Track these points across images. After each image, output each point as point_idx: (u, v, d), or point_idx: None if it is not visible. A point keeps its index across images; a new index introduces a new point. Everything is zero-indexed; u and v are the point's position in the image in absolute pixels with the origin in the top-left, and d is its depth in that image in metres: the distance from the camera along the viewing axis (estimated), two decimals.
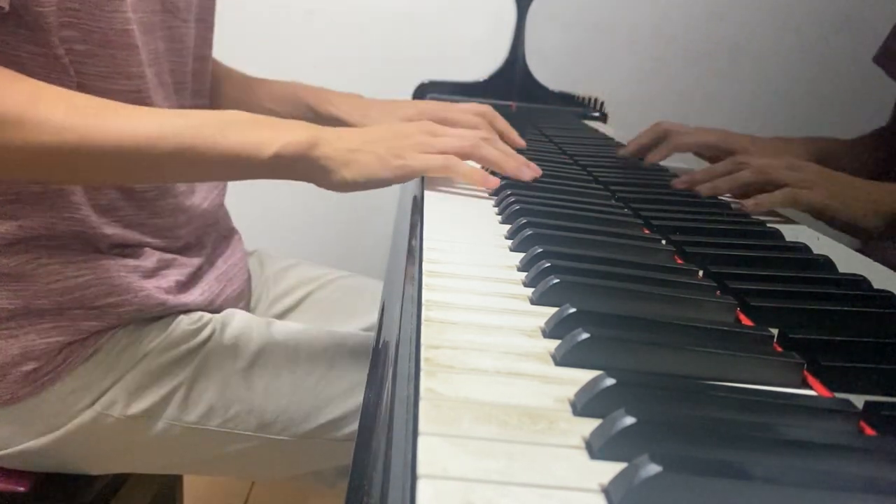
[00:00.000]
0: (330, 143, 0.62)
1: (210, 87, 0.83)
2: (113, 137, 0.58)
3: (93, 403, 0.69)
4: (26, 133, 0.55)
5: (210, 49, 0.82)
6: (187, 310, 0.73)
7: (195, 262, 0.77)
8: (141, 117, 0.60)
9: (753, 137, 0.94)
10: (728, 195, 0.78)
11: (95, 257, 0.68)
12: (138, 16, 0.66)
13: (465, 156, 0.66)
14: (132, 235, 0.71)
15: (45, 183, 0.65)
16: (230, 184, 0.90)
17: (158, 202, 0.73)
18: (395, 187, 0.71)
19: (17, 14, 0.59)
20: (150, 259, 0.71)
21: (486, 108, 0.90)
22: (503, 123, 0.89)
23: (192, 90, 0.78)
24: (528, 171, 0.69)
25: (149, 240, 0.72)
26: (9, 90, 0.56)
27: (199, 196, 0.80)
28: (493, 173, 0.68)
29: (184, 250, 0.77)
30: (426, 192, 0.66)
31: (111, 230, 0.69)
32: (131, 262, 0.70)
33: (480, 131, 0.71)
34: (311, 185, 0.64)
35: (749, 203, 0.71)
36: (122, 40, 0.64)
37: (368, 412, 0.35)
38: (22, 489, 0.70)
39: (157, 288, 0.71)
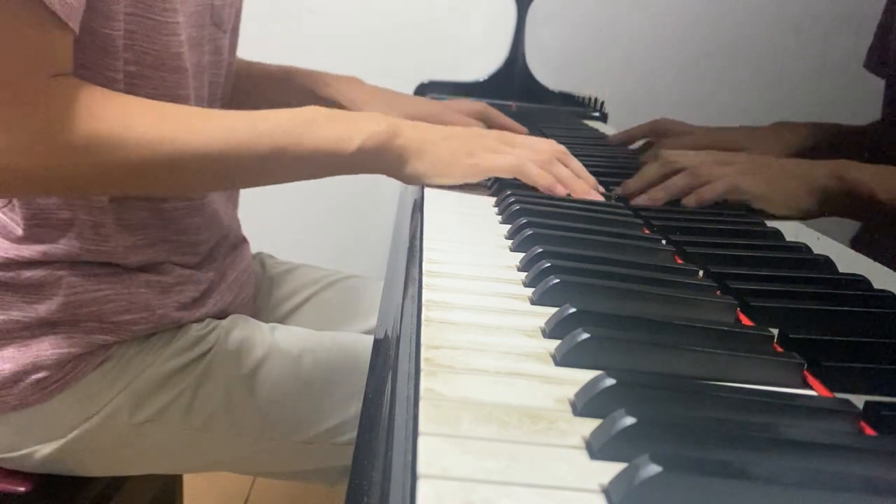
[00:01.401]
0: (407, 132, 0.63)
1: None
2: (207, 144, 0.58)
3: (99, 410, 0.68)
4: (128, 152, 0.55)
5: (235, 56, 0.82)
6: (197, 320, 0.74)
7: (209, 276, 0.77)
8: (232, 121, 0.60)
9: (749, 131, 0.94)
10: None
11: (116, 272, 0.68)
12: (188, 32, 0.66)
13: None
14: (157, 253, 0.70)
15: (142, 196, 0.66)
16: None
17: (185, 220, 0.73)
18: (398, 186, 0.71)
19: (81, 37, 0.58)
20: (171, 275, 0.71)
21: (482, 106, 0.90)
22: (501, 119, 0.89)
23: (221, 96, 0.79)
24: (596, 193, 0.68)
25: (172, 257, 0.72)
26: (102, 111, 0.55)
27: (221, 210, 0.80)
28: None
29: (199, 265, 0.76)
30: (426, 193, 0.66)
31: (136, 255, 0.68)
32: (152, 277, 0.70)
33: (555, 145, 0.69)
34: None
35: (690, 200, 0.71)
36: (173, 63, 0.64)
37: (368, 412, 0.35)
38: (22, 490, 0.69)
39: (174, 304, 0.71)
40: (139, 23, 0.61)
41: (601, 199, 0.68)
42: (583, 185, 0.67)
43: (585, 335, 0.36)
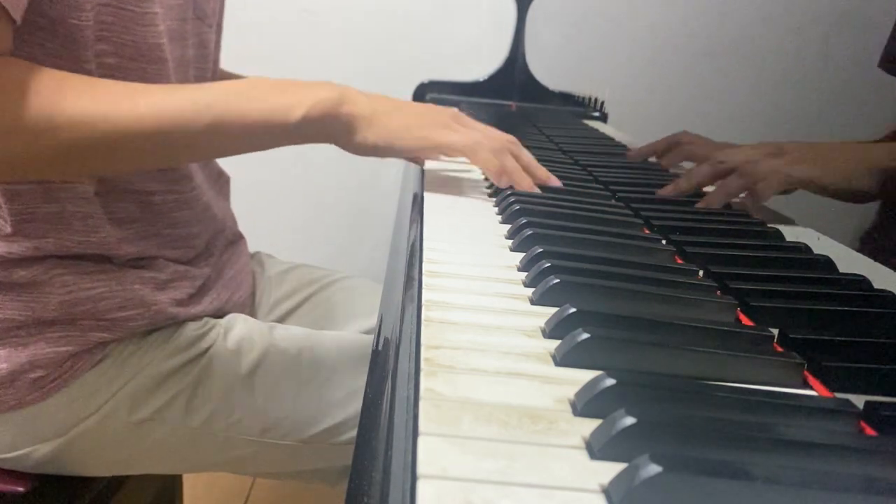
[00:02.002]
0: (357, 101, 0.62)
1: None
2: (146, 120, 0.56)
3: (97, 409, 0.68)
4: (59, 132, 0.54)
5: (220, 52, 0.82)
6: (194, 318, 0.74)
7: (205, 272, 0.77)
8: (171, 94, 0.58)
9: (774, 148, 0.94)
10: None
11: (110, 269, 0.67)
12: (167, 24, 0.66)
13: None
14: (148, 247, 0.70)
15: (79, 177, 0.64)
16: (232, 185, 0.90)
17: (174, 213, 0.72)
18: (397, 186, 0.71)
19: (48, 26, 0.57)
20: (165, 271, 0.71)
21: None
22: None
23: None
24: (536, 187, 0.68)
25: (164, 251, 0.72)
26: (32, 92, 0.53)
27: (212, 202, 0.79)
28: None
29: (195, 260, 0.76)
30: (426, 193, 0.66)
31: (128, 246, 0.68)
32: (146, 273, 0.69)
33: (508, 136, 0.70)
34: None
35: (747, 202, 0.71)
36: (153, 54, 0.64)
37: (368, 412, 0.35)
38: (21, 490, 0.69)
39: (170, 300, 0.71)
40: (115, 14, 0.61)
41: (559, 185, 0.69)
42: (528, 180, 0.67)
43: (585, 335, 0.36)
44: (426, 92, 1.36)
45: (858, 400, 0.34)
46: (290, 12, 1.59)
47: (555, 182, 0.70)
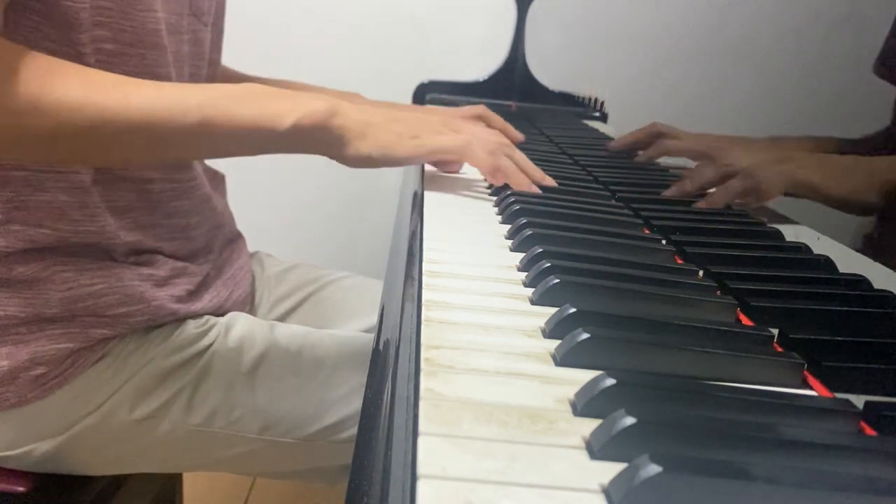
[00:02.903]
0: (349, 114, 0.62)
1: None
2: (134, 113, 0.56)
3: (98, 407, 0.68)
4: (44, 116, 0.54)
5: (220, 54, 0.82)
6: (195, 315, 0.74)
7: (204, 269, 0.77)
8: (162, 90, 0.58)
9: (745, 143, 0.94)
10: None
11: (109, 265, 0.67)
12: (165, 16, 0.66)
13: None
14: (147, 240, 0.70)
15: (68, 164, 0.63)
16: (232, 184, 0.90)
17: (173, 203, 0.73)
18: (397, 186, 0.71)
19: (43, 9, 0.57)
20: (163, 268, 0.71)
21: (481, 109, 0.90)
22: (499, 122, 0.89)
23: None
24: (535, 187, 0.69)
25: (162, 244, 0.72)
26: (23, 72, 0.53)
27: (211, 195, 0.79)
28: None
29: (194, 256, 0.76)
30: (426, 193, 0.66)
31: (126, 236, 0.68)
32: (145, 270, 0.69)
33: (500, 137, 0.70)
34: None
35: (750, 202, 0.71)
36: (151, 40, 0.64)
37: (368, 412, 0.35)
38: (22, 489, 0.69)
39: (169, 297, 0.71)
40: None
41: (554, 184, 0.69)
42: (524, 179, 0.68)
43: (585, 335, 0.36)
44: (426, 92, 1.36)
45: (858, 400, 0.34)
46: (292, 12, 1.59)
47: (549, 182, 0.70)
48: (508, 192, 0.65)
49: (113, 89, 0.56)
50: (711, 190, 0.75)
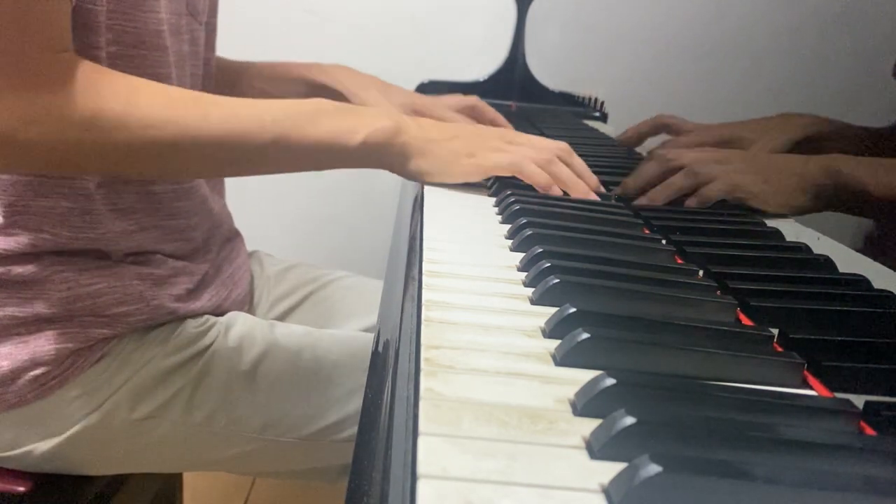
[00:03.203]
0: (411, 131, 0.64)
1: None
2: (214, 129, 0.58)
3: (98, 407, 0.69)
4: (130, 131, 0.56)
5: (214, 53, 0.82)
6: (194, 315, 0.74)
7: (203, 268, 0.77)
8: (238, 108, 0.60)
9: (754, 123, 0.94)
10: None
11: (108, 265, 0.68)
12: (167, 17, 0.66)
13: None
14: (147, 241, 0.70)
15: (145, 177, 0.66)
16: (231, 184, 0.90)
17: (174, 204, 0.73)
18: (397, 186, 0.72)
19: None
20: (163, 267, 0.71)
21: (474, 100, 0.90)
22: (492, 113, 0.90)
23: (202, 90, 0.78)
24: (594, 194, 0.68)
25: (163, 245, 0.72)
26: (108, 89, 0.56)
27: (209, 197, 0.80)
28: None
29: (193, 256, 0.76)
30: (426, 192, 0.66)
31: (128, 238, 0.68)
32: (144, 269, 0.70)
33: (559, 144, 0.70)
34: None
35: (692, 201, 0.71)
36: (154, 41, 0.64)
37: (368, 412, 0.35)
38: (22, 489, 0.69)
39: (168, 296, 0.71)
40: (117, 1, 0.61)
41: (597, 199, 0.68)
42: (582, 186, 0.68)
43: (585, 335, 0.36)
44: (426, 92, 1.36)
45: (858, 400, 0.34)
46: (292, 13, 1.59)
47: (602, 190, 0.70)
48: (508, 192, 0.65)
49: (194, 107, 0.58)
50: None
